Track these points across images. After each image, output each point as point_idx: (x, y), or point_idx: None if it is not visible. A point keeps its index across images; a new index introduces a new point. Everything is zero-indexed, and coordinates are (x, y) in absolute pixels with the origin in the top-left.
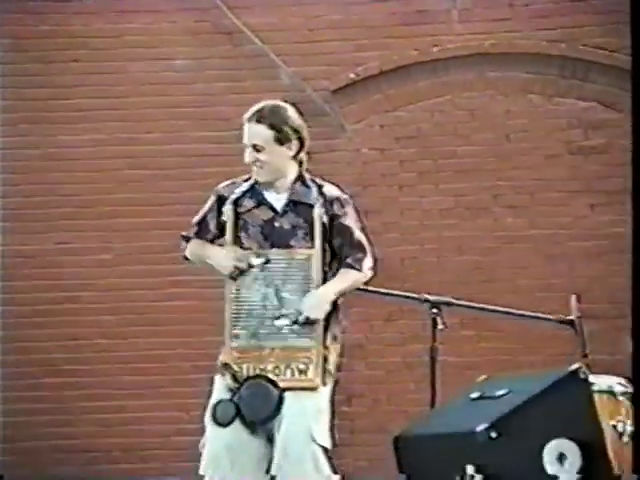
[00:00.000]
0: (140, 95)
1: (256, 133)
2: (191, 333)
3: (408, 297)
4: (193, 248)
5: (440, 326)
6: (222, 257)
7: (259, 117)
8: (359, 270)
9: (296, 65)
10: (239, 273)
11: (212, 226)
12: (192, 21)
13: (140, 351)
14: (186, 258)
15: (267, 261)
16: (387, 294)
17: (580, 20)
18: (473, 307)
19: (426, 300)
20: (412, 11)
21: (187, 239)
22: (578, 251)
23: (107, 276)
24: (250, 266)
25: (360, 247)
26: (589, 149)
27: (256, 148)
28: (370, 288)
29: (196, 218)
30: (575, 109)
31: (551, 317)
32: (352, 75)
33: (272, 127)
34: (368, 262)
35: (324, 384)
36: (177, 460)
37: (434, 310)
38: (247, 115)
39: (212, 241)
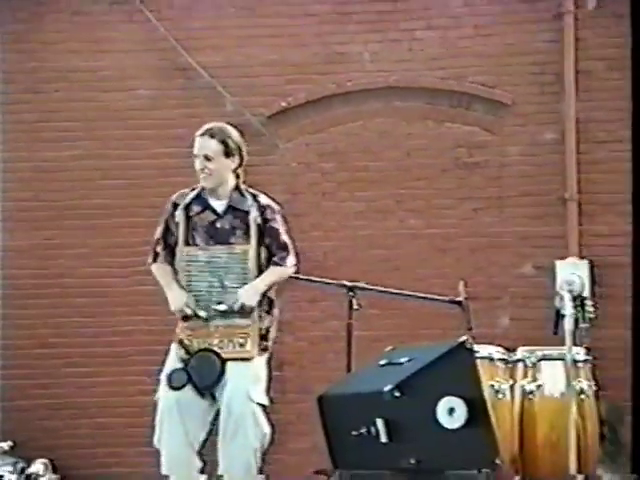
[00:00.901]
0: (110, 120)
1: (208, 146)
2: (152, 312)
3: (329, 283)
4: (159, 273)
5: (355, 306)
6: (174, 301)
7: (211, 133)
8: (283, 266)
9: (238, 95)
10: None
11: (173, 228)
12: (154, 59)
13: (111, 327)
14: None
15: (206, 319)
16: (312, 281)
17: (465, 61)
18: (381, 291)
19: (343, 285)
20: (332, 52)
21: (155, 255)
22: (464, 246)
23: (85, 266)
24: (195, 315)
25: (285, 247)
26: (472, 165)
27: (207, 158)
28: (299, 276)
29: (158, 231)
30: (461, 132)
31: (443, 298)
32: (284, 104)
33: (221, 142)
34: (291, 259)
35: (260, 355)
36: (140, 415)
37: (350, 293)
38: (200, 132)
39: (176, 243)
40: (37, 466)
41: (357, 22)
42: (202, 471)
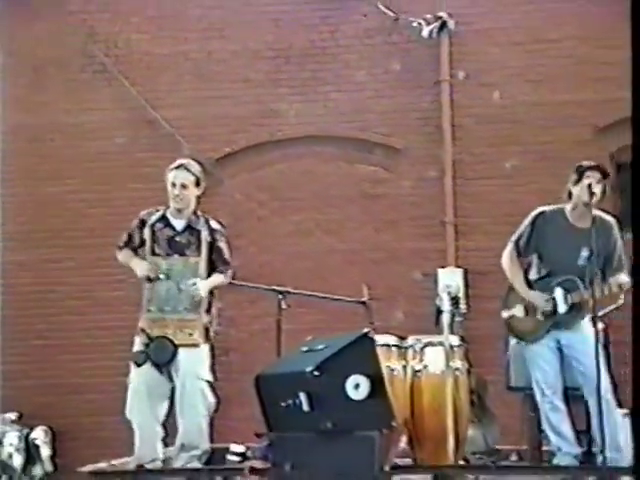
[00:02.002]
0: (93, 161)
1: (185, 177)
2: (128, 312)
3: (264, 288)
4: (124, 256)
5: (283, 306)
6: (139, 267)
7: (187, 167)
8: (225, 275)
9: (193, 143)
10: (148, 277)
11: (136, 239)
12: (127, 114)
13: (95, 323)
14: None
15: (167, 275)
16: (251, 286)
17: (368, 116)
18: (304, 294)
19: (274, 290)
20: (266, 109)
21: (120, 248)
22: (368, 259)
23: (73, 276)
24: (157, 277)
25: (227, 263)
26: (374, 196)
27: (183, 186)
28: (242, 283)
29: (125, 234)
30: (365, 171)
31: (351, 299)
32: (228, 149)
33: (194, 174)
34: (230, 273)
35: (205, 343)
36: (118, 392)
37: (279, 296)
38: (175, 165)
39: (136, 249)
40: (38, 432)
41: (285, 86)
42: (165, 439)
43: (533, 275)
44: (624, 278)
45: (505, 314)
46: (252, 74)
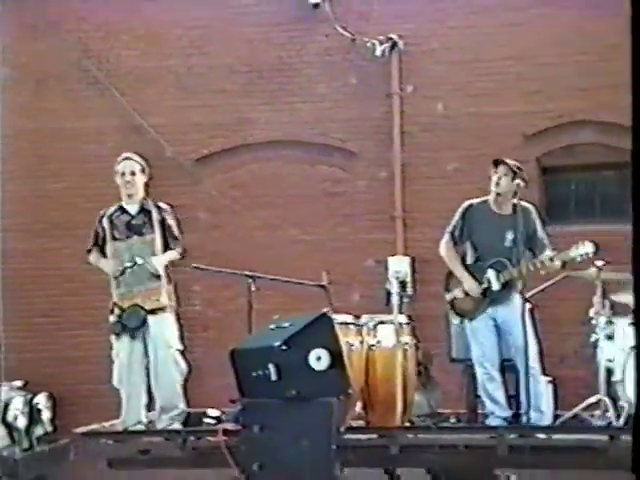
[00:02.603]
0: (88, 162)
1: (132, 165)
2: (103, 289)
3: (237, 273)
4: (93, 257)
5: (253, 289)
6: (107, 268)
7: (131, 157)
8: (176, 250)
9: (175, 146)
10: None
11: (100, 235)
12: (118, 121)
13: (88, 303)
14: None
15: (133, 265)
16: (226, 272)
17: (328, 124)
18: (272, 278)
19: (246, 275)
20: (240, 117)
21: (89, 251)
22: (328, 248)
23: (70, 262)
24: (124, 271)
25: (176, 239)
26: (334, 193)
27: (132, 173)
28: (218, 269)
29: (91, 237)
30: (326, 172)
31: (314, 283)
32: (205, 151)
33: (139, 163)
34: (179, 248)
35: (170, 312)
36: (108, 363)
37: (249, 280)
38: (123, 157)
39: (104, 239)
40: (40, 398)
41: (256, 97)
42: (148, 404)
43: (469, 260)
44: (545, 255)
45: (448, 296)
46: (227, 86)
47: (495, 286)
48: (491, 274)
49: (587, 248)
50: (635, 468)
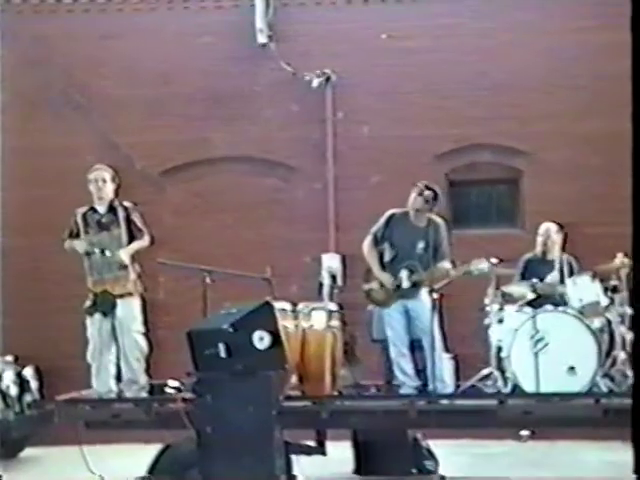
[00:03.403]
0: (71, 173)
1: (102, 174)
2: (81, 280)
3: (195, 268)
4: (68, 243)
5: (208, 281)
6: (79, 246)
7: (102, 169)
8: (141, 240)
9: (143, 160)
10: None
11: (74, 229)
12: (96, 140)
13: (70, 290)
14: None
15: (102, 250)
16: (186, 266)
17: (274, 143)
18: (224, 272)
19: (202, 269)
20: (200, 137)
21: (64, 240)
22: (272, 247)
23: (52, 256)
24: (93, 251)
25: (140, 230)
26: (277, 200)
27: (103, 180)
28: (179, 264)
29: (66, 230)
30: (271, 183)
31: (259, 276)
32: (169, 165)
33: (108, 172)
34: (146, 237)
35: (135, 297)
36: (85, 342)
37: (205, 274)
38: (95, 167)
39: (77, 234)
40: (28, 370)
41: (213, 120)
42: (117, 376)
43: (386, 258)
44: (447, 264)
45: (365, 286)
46: (189, 111)
47: (405, 284)
48: (403, 274)
49: (483, 265)
50: (635, 468)
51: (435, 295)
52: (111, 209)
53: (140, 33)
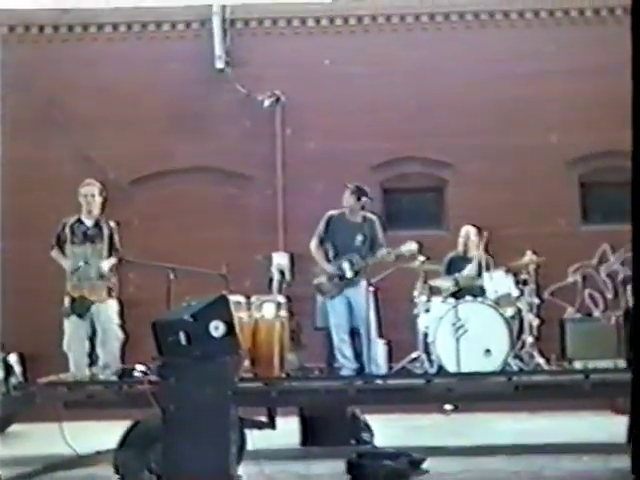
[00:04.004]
0: (54, 182)
1: (92, 190)
2: (61, 278)
3: (160, 265)
4: (55, 253)
5: (172, 277)
6: (65, 264)
7: (92, 184)
8: (115, 258)
9: (116, 171)
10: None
11: (62, 237)
12: (74, 153)
13: (53, 287)
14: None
15: (85, 263)
16: (152, 264)
17: (231, 157)
18: (185, 269)
19: (166, 266)
20: (165, 149)
21: (52, 247)
22: (229, 248)
23: (37, 256)
24: (78, 268)
25: (116, 250)
26: (235, 207)
27: (92, 196)
28: (146, 262)
29: (55, 236)
30: (229, 191)
31: (217, 272)
32: (138, 175)
33: (97, 187)
34: (119, 255)
35: (111, 298)
36: (59, 333)
37: (169, 271)
38: (86, 182)
39: (64, 242)
40: (12, 356)
41: (177, 135)
42: (90, 363)
43: (330, 255)
44: (383, 252)
45: (315, 281)
46: (156, 127)
47: (348, 274)
48: (345, 265)
49: (412, 246)
50: (635, 468)
51: (371, 288)
52: (97, 224)
53: (112, 60)
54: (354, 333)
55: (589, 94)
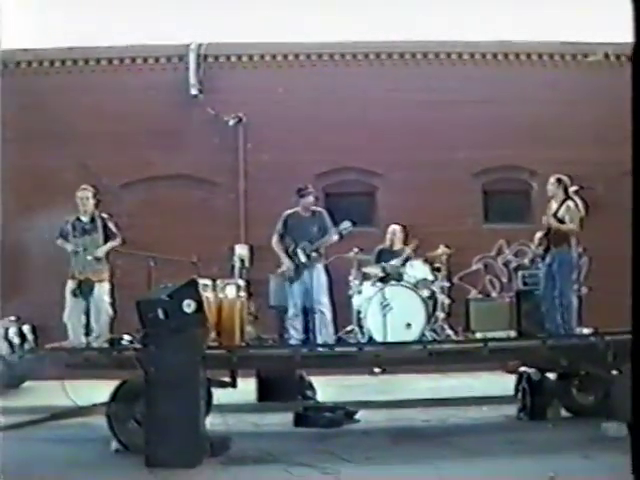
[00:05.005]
0: (53, 186)
1: (87, 194)
2: (65, 263)
3: (142, 255)
4: (60, 242)
5: (152, 264)
6: (68, 247)
7: (87, 189)
8: (114, 240)
9: (107, 176)
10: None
11: (64, 231)
12: (70, 161)
13: (56, 270)
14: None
15: (84, 249)
16: (137, 254)
17: (206, 165)
18: (164, 257)
19: (148, 255)
20: (147, 160)
21: (57, 238)
22: (199, 239)
23: (46, 245)
24: (77, 251)
25: (113, 233)
26: (204, 207)
27: (87, 198)
28: (133, 252)
29: (58, 230)
30: (200, 195)
31: (189, 260)
32: (126, 180)
33: (91, 191)
34: (118, 238)
35: (108, 281)
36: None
37: (150, 259)
38: (82, 188)
39: (67, 235)
40: (26, 327)
41: (158, 148)
42: (86, 333)
43: (290, 249)
44: (334, 237)
45: (279, 270)
46: (141, 141)
47: (302, 259)
48: (299, 252)
49: (346, 224)
50: (635, 468)
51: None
52: (92, 219)
53: (107, 86)
54: (307, 310)
55: (489, 119)
